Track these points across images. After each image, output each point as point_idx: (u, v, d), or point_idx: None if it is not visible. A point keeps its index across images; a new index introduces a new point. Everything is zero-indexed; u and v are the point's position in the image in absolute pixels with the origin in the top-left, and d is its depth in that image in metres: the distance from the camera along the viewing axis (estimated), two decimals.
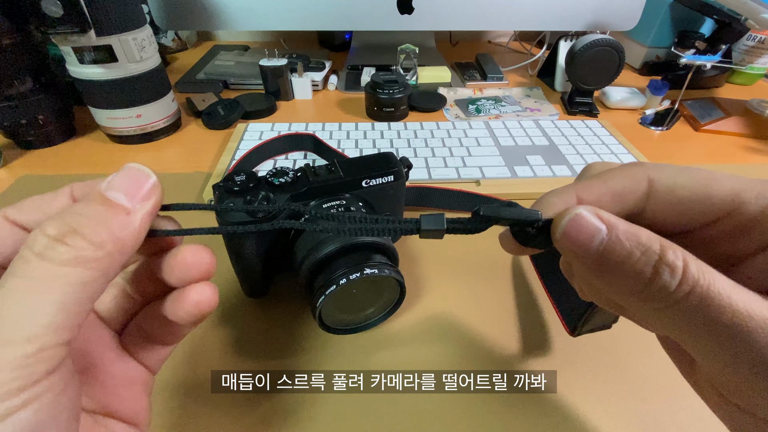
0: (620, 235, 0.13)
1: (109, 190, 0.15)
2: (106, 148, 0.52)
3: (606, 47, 0.56)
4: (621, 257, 0.13)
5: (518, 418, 0.26)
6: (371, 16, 0.62)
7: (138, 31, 0.47)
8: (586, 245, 0.14)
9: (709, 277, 0.12)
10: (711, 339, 0.13)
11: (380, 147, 0.51)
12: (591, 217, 0.14)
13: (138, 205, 0.15)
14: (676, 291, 0.13)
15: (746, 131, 0.58)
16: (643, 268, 0.13)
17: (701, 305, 0.12)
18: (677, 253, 0.13)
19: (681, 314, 0.13)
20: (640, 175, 0.15)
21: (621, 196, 0.15)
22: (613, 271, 0.14)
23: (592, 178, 0.16)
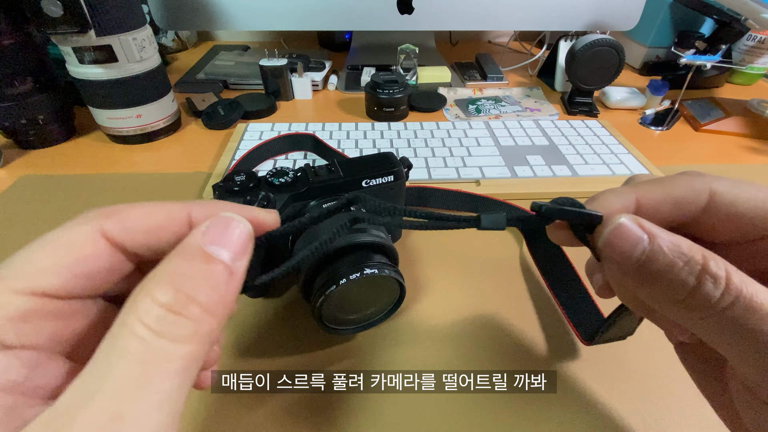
0: (663, 245, 0.14)
1: (211, 246, 0.13)
2: (106, 148, 0.52)
3: (606, 47, 0.56)
4: (664, 267, 0.14)
5: (517, 419, 0.26)
6: (371, 16, 0.62)
7: (138, 31, 0.47)
8: (628, 254, 0.14)
9: (751, 288, 0.13)
10: (752, 345, 0.13)
11: (380, 147, 0.51)
12: (633, 227, 0.14)
13: (237, 263, 0.13)
14: (720, 301, 0.13)
15: (746, 131, 0.58)
16: (686, 277, 0.13)
17: (744, 315, 0.13)
18: (719, 263, 0.13)
19: (723, 323, 0.13)
20: (701, 185, 0.15)
21: (680, 204, 0.16)
22: (655, 280, 0.14)
23: (652, 183, 0.16)
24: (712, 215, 0.15)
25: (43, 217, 0.40)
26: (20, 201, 0.42)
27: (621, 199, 0.16)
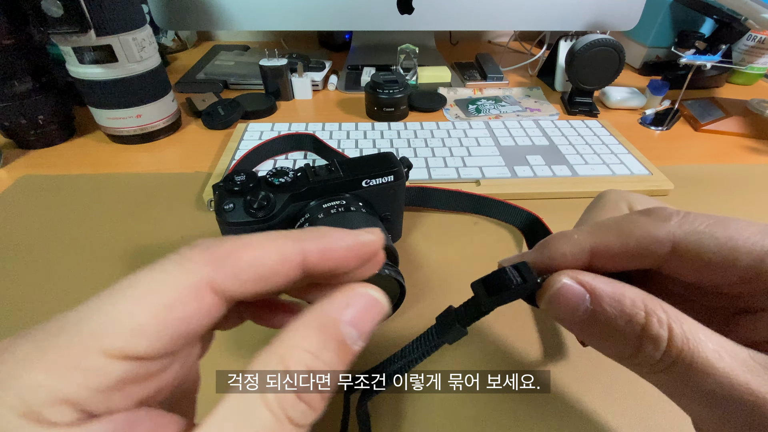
0: (604, 305, 0.13)
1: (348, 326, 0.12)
2: (106, 148, 0.52)
3: (606, 47, 0.56)
4: (606, 327, 0.13)
5: (511, 419, 0.26)
6: (371, 16, 0.62)
7: (138, 31, 0.47)
8: (570, 316, 0.14)
9: (694, 345, 0.12)
10: (699, 403, 0.13)
11: (380, 147, 0.51)
12: (574, 287, 0.14)
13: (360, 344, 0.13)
14: (660, 362, 0.13)
15: (746, 131, 0.58)
16: (627, 339, 0.13)
17: (686, 374, 0.12)
18: (663, 321, 0.13)
19: (667, 380, 0.13)
20: (662, 236, 0.14)
21: (639, 255, 0.15)
22: (599, 338, 0.14)
23: (609, 230, 0.15)
24: (677, 264, 0.15)
25: (43, 217, 0.40)
26: (20, 201, 0.42)
27: (572, 249, 0.15)
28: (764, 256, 0.13)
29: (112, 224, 0.39)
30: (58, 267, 0.35)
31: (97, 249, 0.37)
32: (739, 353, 0.12)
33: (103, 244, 0.37)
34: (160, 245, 0.37)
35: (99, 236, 0.38)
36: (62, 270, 0.35)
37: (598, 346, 0.14)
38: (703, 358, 0.12)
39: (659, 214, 0.15)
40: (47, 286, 0.33)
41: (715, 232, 0.14)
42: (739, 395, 0.12)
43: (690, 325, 0.13)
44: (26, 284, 0.33)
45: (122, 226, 0.39)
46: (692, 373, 0.12)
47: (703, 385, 0.12)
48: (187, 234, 0.38)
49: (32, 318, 0.31)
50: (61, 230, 0.38)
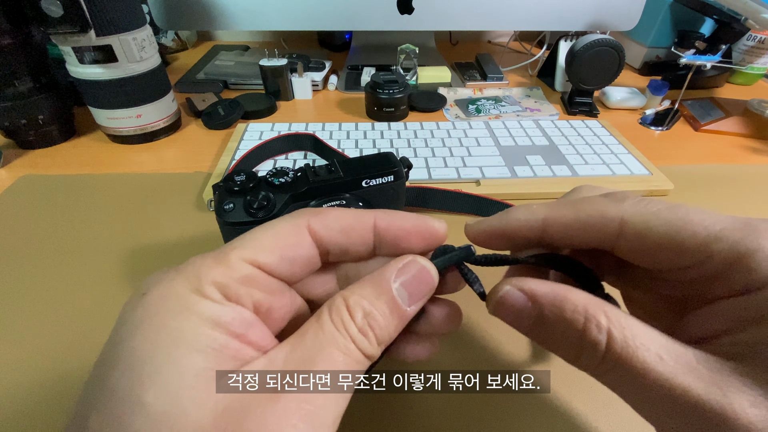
0: (545, 311, 0.14)
1: (398, 288, 0.15)
2: (106, 148, 0.52)
3: (606, 47, 0.56)
4: (549, 331, 0.14)
5: (511, 419, 0.26)
6: (371, 16, 0.62)
7: (138, 31, 0.47)
8: (516, 321, 0.15)
9: (633, 350, 0.13)
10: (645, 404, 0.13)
11: (380, 147, 0.51)
12: (517, 294, 0.15)
13: (411, 308, 0.15)
14: (601, 365, 0.13)
15: (746, 131, 0.58)
16: (569, 343, 0.14)
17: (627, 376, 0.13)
18: (602, 327, 0.13)
19: (612, 381, 0.14)
20: (612, 213, 0.15)
21: (590, 230, 0.15)
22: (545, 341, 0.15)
23: (565, 204, 0.16)
24: (626, 244, 0.15)
25: (43, 217, 0.40)
26: (20, 201, 0.42)
27: (527, 216, 0.16)
28: (711, 240, 0.13)
29: (112, 224, 0.39)
30: (59, 267, 0.35)
31: (97, 249, 0.37)
32: (683, 355, 0.12)
33: (103, 243, 0.37)
34: (160, 245, 0.37)
35: (99, 236, 0.38)
36: (62, 270, 0.35)
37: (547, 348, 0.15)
38: (642, 362, 0.12)
39: (616, 196, 0.16)
40: (47, 285, 0.33)
41: (664, 214, 0.14)
42: (680, 397, 0.12)
43: (633, 329, 0.13)
44: (26, 284, 0.33)
45: (122, 226, 0.39)
46: (633, 376, 0.13)
47: (644, 387, 0.12)
48: (187, 234, 0.38)
49: (32, 318, 0.31)
50: (61, 230, 0.38)
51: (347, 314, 0.14)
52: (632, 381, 0.13)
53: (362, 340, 0.14)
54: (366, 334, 0.14)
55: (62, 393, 0.26)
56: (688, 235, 0.13)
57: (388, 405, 0.26)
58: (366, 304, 0.14)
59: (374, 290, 0.15)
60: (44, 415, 0.25)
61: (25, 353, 0.28)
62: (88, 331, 0.30)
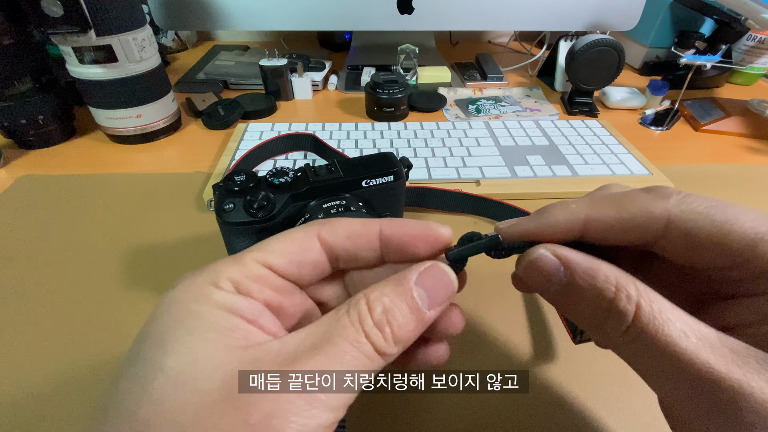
0: (577, 278, 0.14)
1: (418, 290, 0.15)
2: (106, 148, 0.52)
3: (606, 47, 0.56)
4: (577, 298, 0.14)
5: (490, 419, 0.26)
6: (371, 16, 0.62)
7: (138, 31, 0.47)
8: (545, 285, 0.15)
9: (660, 323, 0.13)
10: (662, 379, 0.13)
11: (380, 147, 0.51)
12: (550, 258, 0.15)
13: (432, 311, 0.15)
14: (625, 335, 0.13)
15: (746, 131, 0.58)
16: (596, 311, 0.14)
17: (649, 349, 0.13)
18: (632, 298, 0.13)
19: (633, 353, 0.14)
20: (659, 213, 0.15)
21: (633, 229, 0.15)
22: (570, 307, 0.15)
23: (607, 202, 0.16)
24: (670, 243, 0.15)
25: (43, 217, 0.40)
26: (20, 201, 0.42)
27: (567, 216, 0.16)
28: (758, 241, 0.13)
29: (112, 224, 0.39)
30: (59, 267, 0.35)
31: (97, 249, 0.37)
32: (707, 335, 0.13)
33: (103, 244, 0.37)
34: (160, 245, 0.37)
35: (99, 236, 0.38)
36: (62, 270, 0.35)
37: (568, 315, 0.15)
38: (667, 336, 0.13)
39: (659, 192, 0.15)
40: (47, 285, 0.33)
41: (712, 214, 0.14)
42: (701, 374, 0.12)
43: (661, 304, 0.13)
44: (26, 284, 0.33)
45: (122, 226, 0.39)
46: (655, 349, 0.13)
47: (664, 361, 0.13)
48: (187, 234, 0.38)
49: (32, 317, 0.31)
50: (61, 230, 0.38)
51: (365, 308, 0.14)
52: (653, 354, 0.13)
53: (377, 335, 0.14)
54: (383, 328, 0.14)
55: (62, 391, 0.26)
56: (737, 236, 0.14)
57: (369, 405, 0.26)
58: (387, 301, 0.15)
59: (395, 289, 0.15)
60: (43, 413, 0.25)
61: (26, 353, 0.28)
62: (88, 331, 0.30)
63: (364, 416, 0.25)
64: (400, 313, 0.15)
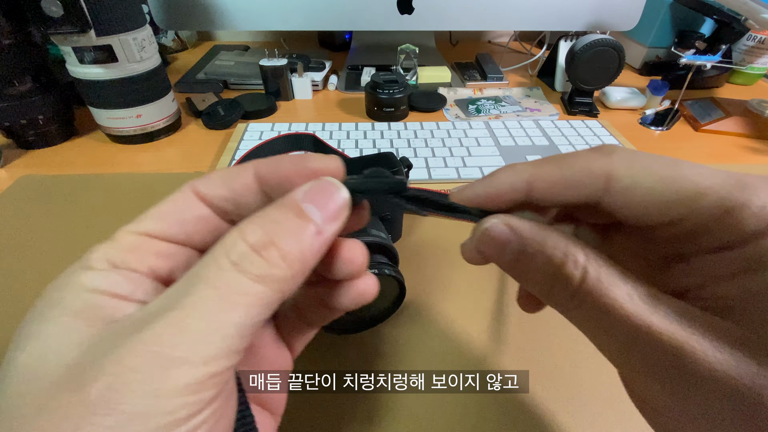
0: (527, 246, 0.14)
1: (307, 203, 0.14)
2: (106, 148, 0.52)
3: (606, 47, 0.56)
4: (528, 265, 0.14)
5: (490, 419, 0.26)
6: (371, 16, 0.62)
7: (138, 31, 0.47)
8: (498, 253, 0.15)
9: (606, 287, 0.13)
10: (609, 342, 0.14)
11: (380, 147, 0.51)
12: (501, 228, 0.15)
13: (327, 225, 0.14)
14: (573, 299, 0.13)
15: (746, 131, 0.58)
16: (544, 277, 0.14)
17: (596, 312, 0.13)
18: (578, 263, 0.13)
19: (581, 317, 0.14)
20: (599, 169, 0.14)
21: (575, 188, 0.15)
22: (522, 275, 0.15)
23: (549, 162, 0.16)
24: (612, 199, 0.14)
25: (43, 217, 0.40)
26: (20, 201, 0.42)
27: (512, 177, 0.16)
28: (699, 195, 0.13)
29: (112, 224, 0.39)
30: (58, 267, 0.35)
31: None
32: (652, 297, 0.13)
33: None
34: None
35: (99, 236, 0.38)
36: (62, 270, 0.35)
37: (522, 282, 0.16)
38: (612, 299, 0.13)
39: (603, 149, 0.15)
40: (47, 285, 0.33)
41: (654, 169, 0.14)
42: (644, 334, 0.12)
43: (608, 268, 0.13)
44: (26, 284, 0.33)
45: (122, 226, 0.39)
46: (601, 312, 0.13)
47: (610, 323, 0.13)
48: None
49: None
50: (61, 230, 0.38)
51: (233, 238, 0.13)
52: (600, 317, 0.13)
53: (253, 262, 0.12)
54: (265, 249, 0.13)
55: None
56: (677, 189, 0.13)
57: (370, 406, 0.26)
58: (268, 222, 0.13)
59: (278, 209, 0.14)
60: None
61: None
62: None
63: (363, 416, 0.25)
64: (287, 228, 0.13)
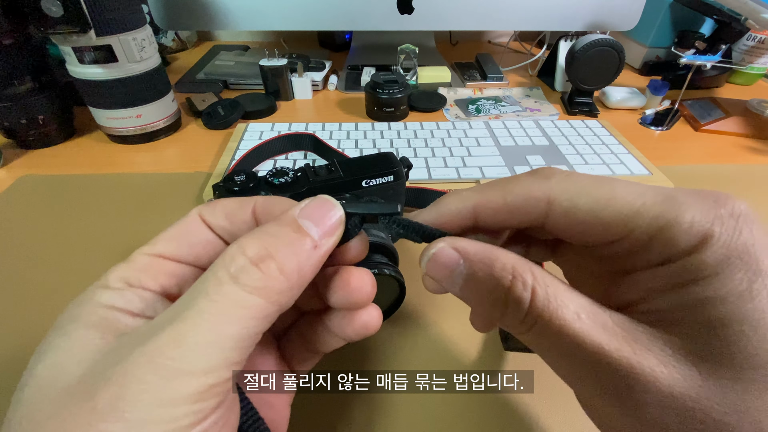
0: (475, 268, 0.14)
1: (304, 219, 0.15)
2: (106, 148, 0.52)
3: (606, 47, 0.56)
4: (478, 289, 0.14)
5: (494, 419, 0.26)
6: (371, 16, 0.62)
7: (138, 31, 0.47)
8: (449, 278, 0.15)
9: (554, 307, 0.13)
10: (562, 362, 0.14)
11: (380, 147, 0.51)
12: (448, 251, 0.15)
13: (324, 240, 0.15)
14: (524, 322, 0.13)
15: (746, 131, 0.58)
16: (496, 301, 0.14)
17: (547, 333, 0.13)
18: (527, 284, 0.13)
19: (534, 340, 0.14)
20: (539, 194, 0.15)
21: (519, 212, 0.15)
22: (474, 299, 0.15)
23: (494, 187, 0.16)
24: (554, 222, 0.15)
25: (43, 217, 0.40)
26: (20, 201, 0.42)
27: (458, 204, 0.16)
28: (633, 215, 0.13)
29: (112, 224, 0.39)
30: (58, 267, 0.35)
31: (97, 249, 0.37)
32: (599, 316, 0.13)
33: (103, 244, 0.37)
34: None
35: (99, 236, 0.38)
36: (62, 270, 0.35)
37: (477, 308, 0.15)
38: (562, 319, 0.13)
39: (542, 173, 0.16)
40: (47, 285, 0.33)
41: (590, 191, 0.14)
42: (594, 355, 0.12)
43: (555, 288, 0.13)
44: (26, 284, 0.33)
45: (122, 226, 0.39)
46: (552, 333, 0.13)
47: (561, 344, 0.13)
48: None
49: (33, 318, 0.31)
50: (61, 230, 0.38)
51: (232, 253, 0.13)
52: (551, 338, 0.13)
53: (250, 274, 0.13)
54: (263, 261, 0.13)
55: None
56: (613, 211, 0.14)
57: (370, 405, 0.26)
58: (267, 237, 0.14)
59: (275, 226, 0.14)
60: None
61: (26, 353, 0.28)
62: None
63: (364, 416, 0.25)
64: (285, 242, 0.14)
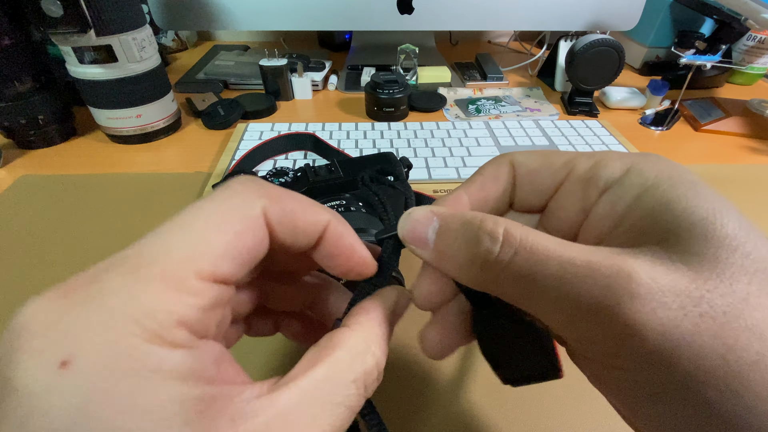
0: (448, 220, 0.15)
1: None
2: (106, 148, 0.52)
3: (606, 47, 0.56)
4: (451, 237, 0.14)
5: (494, 419, 0.26)
6: (371, 16, 0.62)
7: (138, 31, 0.47)
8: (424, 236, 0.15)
9: (532, 238, 0.13)
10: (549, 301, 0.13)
11: (380, 147, 0.51)
12: (423, 212, 0.15)
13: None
14: (501, 255, 0.13)
15: (746, 131, 0.58)
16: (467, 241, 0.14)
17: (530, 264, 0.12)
18: (498, 221, 0.14)
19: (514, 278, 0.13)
20: (503, 158, 0.17)
21: (493, 181, 0.17)
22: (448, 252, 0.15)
23: (473, 175, 0.18)
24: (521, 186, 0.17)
25: (43, 217, 0.40)
26: (20, 201, 0.42)
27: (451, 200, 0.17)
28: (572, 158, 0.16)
29: (112, 224, 0.39)
30: (58, 267, 0.35)
31: (97, 249, 0.37)
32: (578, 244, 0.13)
33: (103, 244, 0.37)
34: None
35: (99, 236, 0.38)
36: (62, 270, 0.35)
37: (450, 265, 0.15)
38: (544, 247, 0.13)
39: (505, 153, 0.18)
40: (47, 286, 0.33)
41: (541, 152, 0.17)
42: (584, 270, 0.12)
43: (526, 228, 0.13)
44: (26, 284, 0.33)
45: (122, 226, 0.39)
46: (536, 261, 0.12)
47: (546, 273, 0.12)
48: None
49: None
50: (61, 230, 0.38)
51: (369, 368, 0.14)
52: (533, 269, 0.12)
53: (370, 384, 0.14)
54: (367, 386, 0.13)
55: None
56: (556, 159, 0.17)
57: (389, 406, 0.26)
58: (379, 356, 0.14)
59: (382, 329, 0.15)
60: None
61: None
62: None
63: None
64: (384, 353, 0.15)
